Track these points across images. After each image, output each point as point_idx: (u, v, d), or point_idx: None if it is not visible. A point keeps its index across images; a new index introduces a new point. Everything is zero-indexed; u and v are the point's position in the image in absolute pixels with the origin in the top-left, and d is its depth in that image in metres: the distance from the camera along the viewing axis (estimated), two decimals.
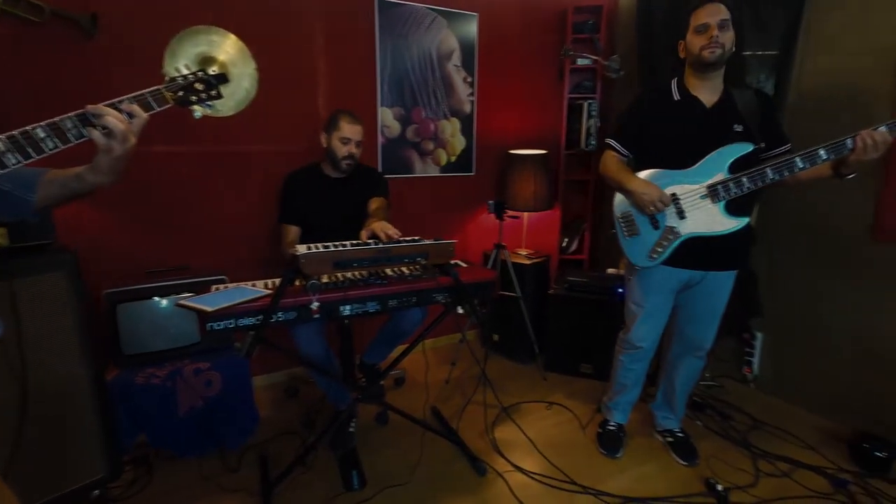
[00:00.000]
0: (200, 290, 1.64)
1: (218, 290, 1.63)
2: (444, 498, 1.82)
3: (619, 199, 1.88)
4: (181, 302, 1.50)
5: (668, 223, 1.77)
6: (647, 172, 1.80)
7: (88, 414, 1.65)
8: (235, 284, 1.69)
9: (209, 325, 1.44)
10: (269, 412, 2.36)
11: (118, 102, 1.00)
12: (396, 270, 1.73)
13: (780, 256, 2.40)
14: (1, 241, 1.49)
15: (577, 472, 1.96)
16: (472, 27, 2.82)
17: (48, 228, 1.58)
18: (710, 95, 1.74)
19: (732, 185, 1.66)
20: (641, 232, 1.83)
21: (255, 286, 1.65)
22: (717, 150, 1.69)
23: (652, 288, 1.91)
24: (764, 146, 1.69)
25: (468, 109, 2.93)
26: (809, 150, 1.57)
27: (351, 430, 2.03)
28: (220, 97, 1.19)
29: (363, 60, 2.57)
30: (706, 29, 1.64)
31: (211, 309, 1.42)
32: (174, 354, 1.98)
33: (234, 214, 2.39)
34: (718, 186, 1.68)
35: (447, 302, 1.76)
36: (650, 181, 1.77)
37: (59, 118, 0.94)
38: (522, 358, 2.92)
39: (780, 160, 1.61)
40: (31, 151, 0.92)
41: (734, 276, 1.88)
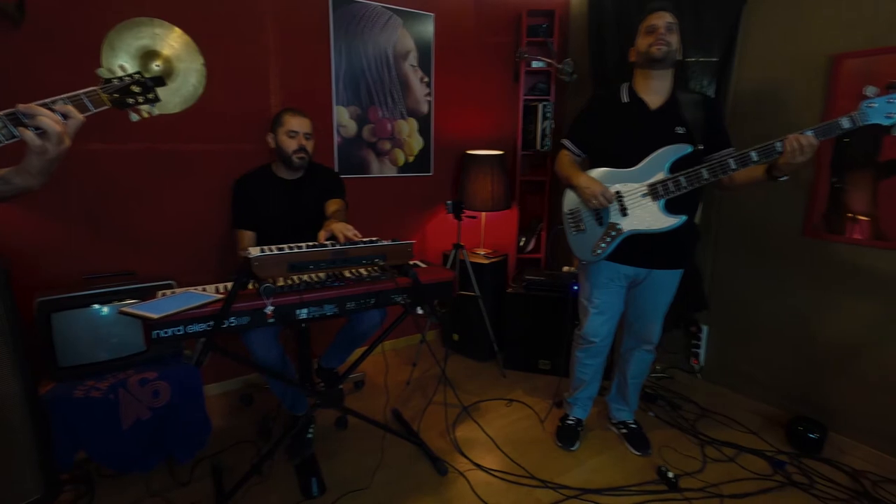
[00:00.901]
0: (146, 296, 1.56)
1: (165, 295, 1.55)
2: (405, 500, 1.81)
3: (568, 196, 1.95)
4: (124, 309, 1.42)
5: (611, 220, 1.84)
6: (596, 171, 1.87)
7: (20, 431, 1.53)
8: (184, 289, 1.61)
9: (155, 333, 1.36)
10: (222, 421, 2.27)
11: (51, 102, 0.94)
12: (354, 272, 1.71)
13: (722, 253, 2.54)
14: None
15: (536, 466, 1.99)
16: (428, 27, 2.82)
17: None
18: (656, 98, 1.82)
19: (671, 184, 1.73)
20: (587, 228, 1.90)
21: (205, 291, 1.58)
22: (659, 150, 1.76)
23: (600, 284, 1.97)
24: (703, 148, 1.77)
25: (425, 109, 2.92)
26: (741, 152, 1.65)
27: (309, 436, 1.99)
28: (157, 100, 1.17)
29: (317, 58, 2.52)
30: (654, 29, 1.74)
31: (157, 316, 1.35)
32: (117, 365, 1.87)
33: (182, 216, 2.28)
34: (658, 185, 1.75)
35: (406, 303, 1.75)
36: (596, 178, 1.84)
37: None
38: (482, 356, 2.94)
39: (715, 161, 1.69)
40: None
41: (678, 276, 1.96)
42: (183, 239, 2.30)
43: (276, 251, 1.46)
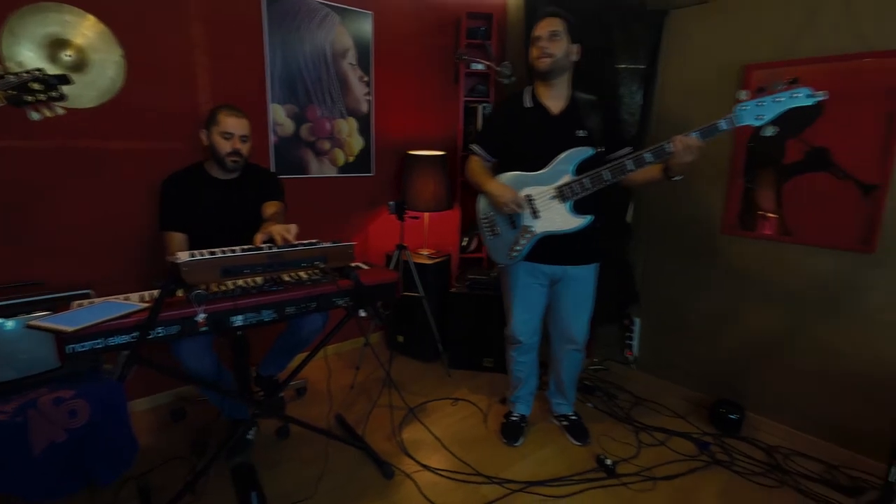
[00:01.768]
0: (59, 307, 1.43)
1: (81, 306, 1.43)
2: None
3: (482, 201, 2.01)
4: (32, 323, 1.29)
5: (524, 223, 1.90)
6: (506, 175, 1.92)
7: None
8: (104, 299, 1.49)
9: (70, 347, 1.25)
10: (152, 439, 2.12)
11: None
12: (294, 276, 1.65)
13: (652, 250, 2.69)
14: None
15: (482, 463, 2.02)
16: (366, 26, 2.78)
17: None
18: (556, 103, 1.89)
19: (577, 186, 1.80)
20: (502, 232, 1.96)
21: (128, 300, 1.47)
22: (564, 153, 1.83)
23: (519, 284, 2.04)
24: (604, 150, 1.86)
25: (365, 109, 2.88)
26: (637, 153, 1.73)
27: (249, 437, 1.89)
28: (61, 99, 1.08)
29: (250, 53, 2.41)
30: (537, 41, 1.81)
31: (71, 329, 1.24)
32: (27, 384, 1.69)
33: (102, 220, 2.11)
34: (565, 188, 1.82)
35: (349, 306, 1.71)
36: (507, 183, 1.89)
37: None
38: (427, 357, 2.94)
39: (615, 163, 1.76)
40: None
41: (594, 270, 2.03)
42: (102, 245, 2.13)
43: (207, 255, 1.38)
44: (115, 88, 2.06)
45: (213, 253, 1.41)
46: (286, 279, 1.62)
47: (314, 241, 1.60)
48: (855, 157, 1.95)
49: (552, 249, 1.91)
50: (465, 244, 3.29)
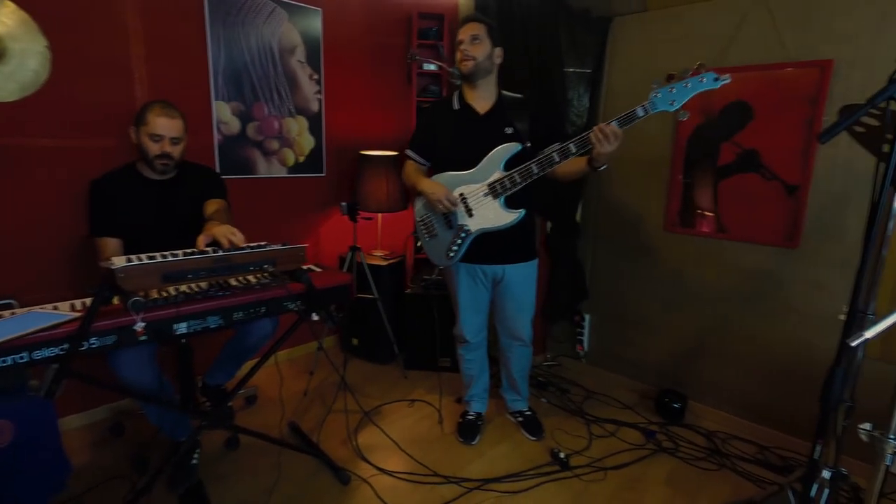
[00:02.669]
0: None
1: (2, 317, 1.31)
2: None
3: (418, 203, 2.03)
4: None
5: (459, 222, 1.93)
6: (439, 176, 1.95)
7: None
8: (28, 309, 1.37)
9: None
10: (87, 457, 1.99)
11: None
12: (241, 280, 1.59)
13: (600, 248, 2.79)
14: None
15: (439, 463, 2.02)
16: (315, 23, 2.72)
17: None
18: (483, 103, 1.94)
19: (507, 181, 1.84)
20: (438, 233, 1.99)
21: (56, 309, 1.37)
22: (493, 151, 1.87)
23: (461, 283, 2.08)
24: (531, 146, 1.90)
25: (315, 108, 2.82)
26: (563, 145, 1.77)
27: (193, 462, 1.80)
28: None
29: (191, 46, 2.30)
30: (460, 45, 1.86)
31: None
32: None
33: (25, 224, 1.95)
34: (496, 184, 1.86)
35: (300, 309, 1.67)
36: (439, 182, 1.92)
37: None
38: (383, 358, 2.92)
39: (542, 156, 1.80)
40: None
41: (533, 266, 2.08)
42: (26, 251, 1.97)
43: (146, 260, 1.31)
44: (38, 81, 1.90)
45: (151, 257, 1.33)
46: (233, 283, 1.56)
47: (262, 243, 1.55)
48: (780, 159, 2.10)
49: (489, 249, 1.95)
50: (419, 244, 3.28)
